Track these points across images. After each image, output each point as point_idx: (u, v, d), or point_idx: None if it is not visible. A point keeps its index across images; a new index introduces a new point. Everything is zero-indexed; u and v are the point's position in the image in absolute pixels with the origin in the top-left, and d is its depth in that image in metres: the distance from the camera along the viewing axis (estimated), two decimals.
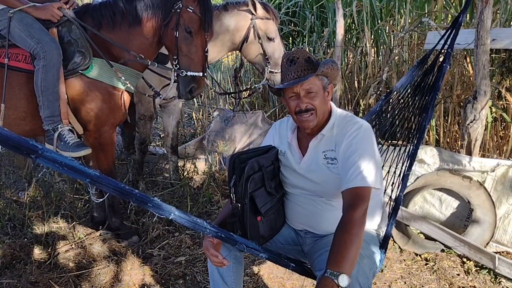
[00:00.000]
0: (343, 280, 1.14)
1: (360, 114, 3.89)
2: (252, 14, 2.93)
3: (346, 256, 1.20)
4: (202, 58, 2.30)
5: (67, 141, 2.17)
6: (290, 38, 5.40)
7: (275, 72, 3.00)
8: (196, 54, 2.27)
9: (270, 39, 2.98)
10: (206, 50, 2.32)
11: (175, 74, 2.30)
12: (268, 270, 2.40)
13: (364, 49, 4.29)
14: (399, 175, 1.94)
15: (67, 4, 2.28)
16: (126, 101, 2.40)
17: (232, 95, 3.78)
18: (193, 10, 2.21)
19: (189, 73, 2.25)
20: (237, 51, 3.23)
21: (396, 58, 3.94)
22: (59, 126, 2.17)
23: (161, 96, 2.53)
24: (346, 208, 1.33)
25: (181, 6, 2.22)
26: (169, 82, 2.43)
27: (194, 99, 5.66)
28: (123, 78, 2.30)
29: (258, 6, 2.92)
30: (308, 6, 5.00)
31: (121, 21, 2.28)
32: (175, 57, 2.27)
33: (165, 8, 2.25)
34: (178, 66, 2.27)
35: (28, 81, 2.16)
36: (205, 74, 2.34)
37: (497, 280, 2.29)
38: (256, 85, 3.36)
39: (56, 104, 2.15)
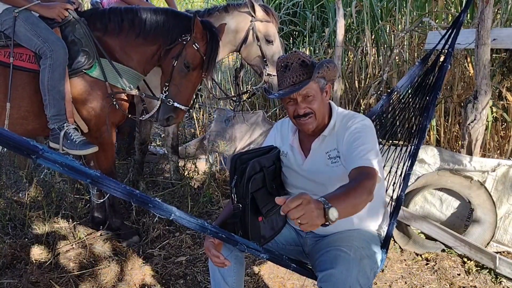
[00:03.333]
0: (333, 213, 1.07)
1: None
2: (252, 16, 2.93)
3: (347, 200, 1.16)
4: (191, 94, 2.34)
5: (74, 140, 2.18)
6: (291, 38, 5.40)
7: (273, 75, 3.00)
8: (186, 89, 2.29)
9: (269, 42, 2.98)
10: (197, 87, 2.37)
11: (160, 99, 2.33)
12: (268, 270, 2.40)
13: (364, 49, 4.29)
14: (400, 175, 1.94)
15: (73, 5, 2.29)
16: (125, 102, 2.41)
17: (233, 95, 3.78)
18: (198, 48, 2.22)
19: (175, 104, 2.28)
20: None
21: (396, 58, 3.94)
22: (64, 125, 2.18)
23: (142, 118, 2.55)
24: (357, 176, 1.31)
25: (188, 39, 2.23)
26: None
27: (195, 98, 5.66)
28: (124, 79, 2.30)
29: (257, 8, 2.92)
30: (309, 6, 4.99)
31: (128, 30, 2.29)
32: (167, 83, 2.30)
33: (173, 34, 2.26)
34: (167, 92, 2.30)
35: (31, 81, 2.17)
36: (189, 109, 2.37)
37: (498, 280, 2.29)
38: (254, 87, 3.37)
39: (62, 102, 2.16)
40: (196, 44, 2.21)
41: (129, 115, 2.46)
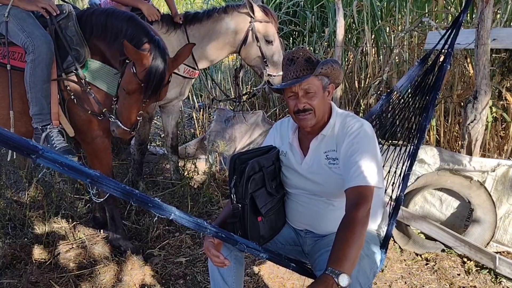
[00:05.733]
0: (344, 279, 1.13)
1: (361, 114, 3.89)
2: (251, 16, 2.94)
3: (348, 255, 1.19)
4: (130, 117, 2.07)
5: (54, 145, 2.10)
6: (291, 38, 5.40)
7: (274, 75, 3.00)
8: (126, 110, 2.06)
9: (268, 42, 2.98)
10: (139, 112, 2.07)
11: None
12: (268, 270, 2.40)
13: (364, 49, 4.29)
14: (400, 175, 1.94)
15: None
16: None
17: (233, 96, 3.79)
18: (135, 73, 1.93)
19: (117, 122, 2.09)
20: None
21: (396, 58, 3.94)
22: (48, 126, 2.12)
23: None
24: (349, 207, 1.33)
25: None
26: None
27: (195, 98, 5.67)
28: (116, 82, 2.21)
29: (256, 9, 2.92)
30: (309, 6, 4.99)
31: (105, 35, 2.16)
32: (115, 98, 2.14)
33: (122, 46, 1.95)
34: (116, 106, 2.13)
35: (22, 81, 2.11)
36: (132, 132, 2.14)
37: (498, 280, 2.29)
38: (254, 88, 3.37)
39: (44, 101, 2.09)
40: (134, 67, 1.93)
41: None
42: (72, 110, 2.23)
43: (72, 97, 2.18)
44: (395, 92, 2.30)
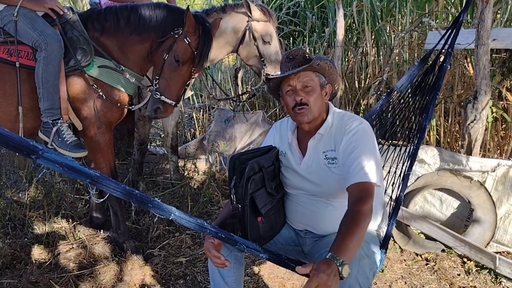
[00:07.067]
0: (345, 270, 1.14)
1: (361, 114, 3.89)
2: (249, 16, 2.93)
3: (351, 246, 1.21)
4: (180, 89, 2.31)
5: (66, 139, 2.17)
6: (291, 38, 5.40)
7: (271, 75, 2.99)
8: (175, 83, 2.27)
9: (266, 42, 2.98)
10: (187, 83, 2.33)
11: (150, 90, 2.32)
12: (268, 270, 2.40)
13: (364, 49, 4.29)
14: (400, 175, 1.94)
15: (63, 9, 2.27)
16: (123, 102, 2.38)
17: (233, 96, 3.78)
18: (189, 42, 2.20)
19: (162, 98, 2.26)
20: None
21: (396, 58, 3.94)
22: (59, 121, 2.17)
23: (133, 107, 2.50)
24: (353, 201, 1.34)
25: (180, 33, 2.21)
26: None
27: (195, 98, 5.67)
28: (123, 80, 2.29)
29: (254, 8, 2.92)
30: (309, 6, 5.00)
31: (123, 28, 2.28)
32: (157, 76, 2.28)
33: (165, 27, 2.25)
34: (157, 85, 2.28)
35: (29, 78, 2.17)
36: (177, 104, 2.34)
37: (498, 280, 2.29)
38: (253, 88, 3.37)
39: (55, 96, 2.15)
40: (187, 38, 2.19)
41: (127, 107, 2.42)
42: (78, 106, 2.27)
43: (100, 91, 2.25)
44: (395, 92, 2.30)
